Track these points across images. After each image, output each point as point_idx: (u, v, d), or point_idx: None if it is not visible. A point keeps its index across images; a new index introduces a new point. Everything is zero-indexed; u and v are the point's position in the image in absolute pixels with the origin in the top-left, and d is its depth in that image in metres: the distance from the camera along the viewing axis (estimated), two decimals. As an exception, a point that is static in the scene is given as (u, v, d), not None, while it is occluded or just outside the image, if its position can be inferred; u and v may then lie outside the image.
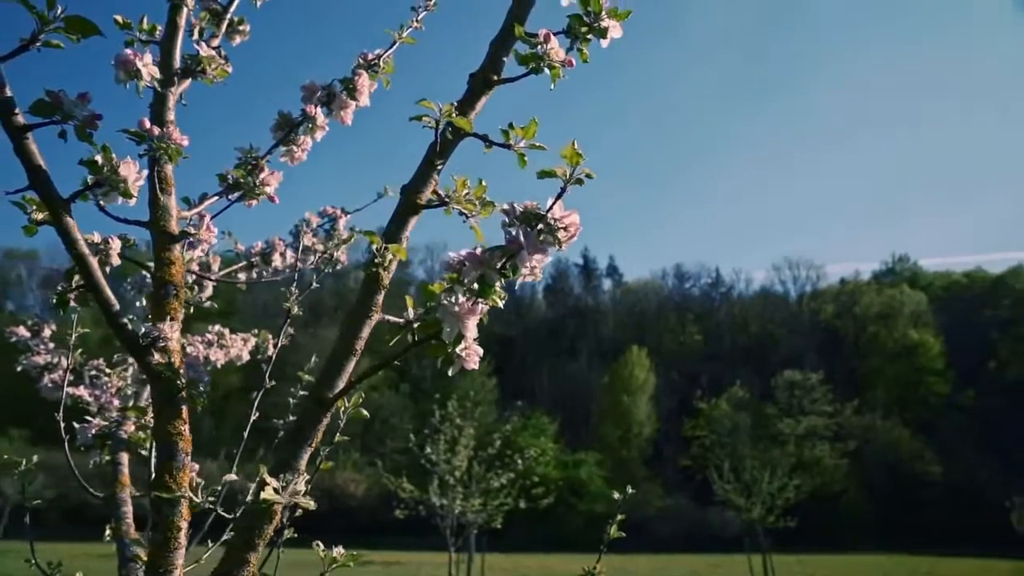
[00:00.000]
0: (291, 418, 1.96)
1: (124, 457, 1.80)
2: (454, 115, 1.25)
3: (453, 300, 1.09)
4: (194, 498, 1.11)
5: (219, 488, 1.19)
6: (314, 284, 1.84)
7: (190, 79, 1.62)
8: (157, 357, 1.25)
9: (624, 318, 57.52)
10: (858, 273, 59.03)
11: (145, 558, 1.48)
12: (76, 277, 1.21)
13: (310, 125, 1.82)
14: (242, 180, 1.51)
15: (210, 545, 1.67)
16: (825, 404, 42.12)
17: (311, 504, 1.04)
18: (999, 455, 38.75)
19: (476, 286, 1.10)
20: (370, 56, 1.95)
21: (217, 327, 2.46)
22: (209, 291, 1.83)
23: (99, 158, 1.11)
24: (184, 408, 1.29)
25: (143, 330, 1.25)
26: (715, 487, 24.06)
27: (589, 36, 1.40)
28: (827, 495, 35.36)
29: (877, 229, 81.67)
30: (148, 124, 1.34)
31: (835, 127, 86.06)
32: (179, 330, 1.30)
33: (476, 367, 1.14)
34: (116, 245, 1.26)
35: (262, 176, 1.53)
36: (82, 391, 2.04)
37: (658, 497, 37.18)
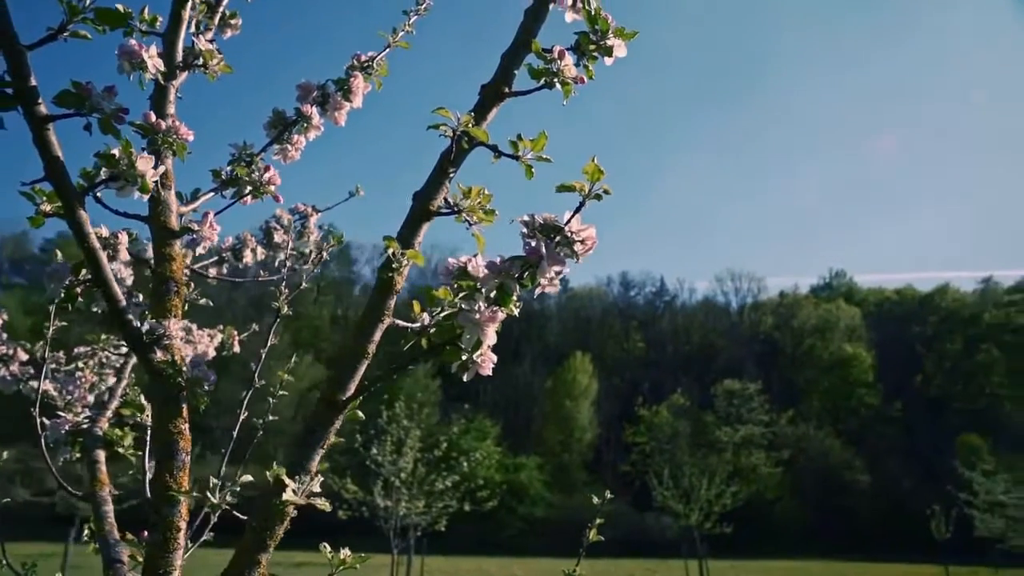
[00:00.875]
0: (271, 418, 1.95)
1: (101, 455, 1.76)
2: (471, 126, 1.27)
3: (474, 308, 1.11)
4: (212, 498, 1.10)
5: (226, 487, 1.18)
6: (304, 284, 1.83)
7: (186, 73, 1.60)
8: (159, 355, 1.24)
9: (569, 324, 57.96)
10: (797, 287, 60.70)
11: (127, 559, 1.45)
12: (83, 272, 1.18)
13: (305, 124, 1.82)
14: (246, 179, 1.50)
15: (189, 546, 1.65)
16: (762, 413, 43.18)
17: (327, 506, 1.04)
18: (922, 465, 40.35)
19: (495, 294, 1.13)
20: (363, 57, 1.95)
21: (184, 321, 2.42)
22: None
23: (117, 151, 1.10)
24: (184, 407, 1.28)
25: (147, 327, 1.24)
26: (655, 493, 24.45)
27: (596, 54, 1.44)
28: (761, 502, 36.23)
29: (816, 245, 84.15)
30: (154, 118, 1.32)
31: (779, 144, 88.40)
32: (182, 327, 1.29)
33: (490, 373, 1.16)
34: (124, 240, 1.24)
35: (268, 175, 1.52)
36: (48, 385, 1.99)
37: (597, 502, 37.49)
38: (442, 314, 1.30)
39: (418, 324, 1.32)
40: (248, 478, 1.17)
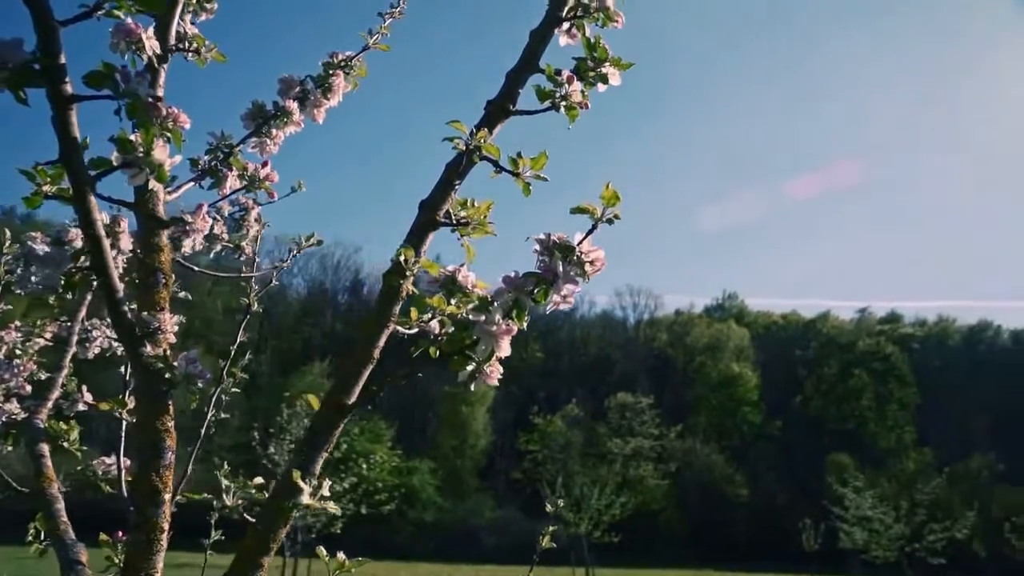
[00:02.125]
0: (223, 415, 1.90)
1: (45, 448, 1.67)
2: (485, 142, 1.30)
3: (491, 320, 1.14)
4: (226, 502, 1.07)
5: (239, 491, 1.15)
6: (274, 281, 1.80)
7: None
8: (149, 349, 1.20)
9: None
10: (692, 306, 63.02)
11: (84, 558, 1.39)
12: (82, 258, 1.13)
13: (285, 120, 1.79)
14: (247, 174, 1.47)
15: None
16: (652, 427, 44.51)
17: (337, 509, 1.04)
18: (796, 481, 42.65)
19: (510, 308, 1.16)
20: (340, 56, 1.94)
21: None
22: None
23: (136, 137, 1.07)
24: (170, 404, 1.25)
25: (141, 320, 1.20)
26: (547, 501, 24.79)
27: (593, 80, 1.49)
28: (647, 513, 37.31)
29: (713, 267, 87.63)
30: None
31: (681, 165, 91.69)
32: (176, 322, 1.25)
33: (497, 383, 1.19)
34: (126, 227, 1.19)
35: (265, 171, 1.49)
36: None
37: (489, 508, 37.69)
38: (431, 320, 1.32)
39: (415, 330, 1.33)
40: (259, 481, 1.15)
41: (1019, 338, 59.13)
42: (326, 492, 1.06)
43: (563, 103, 1.40)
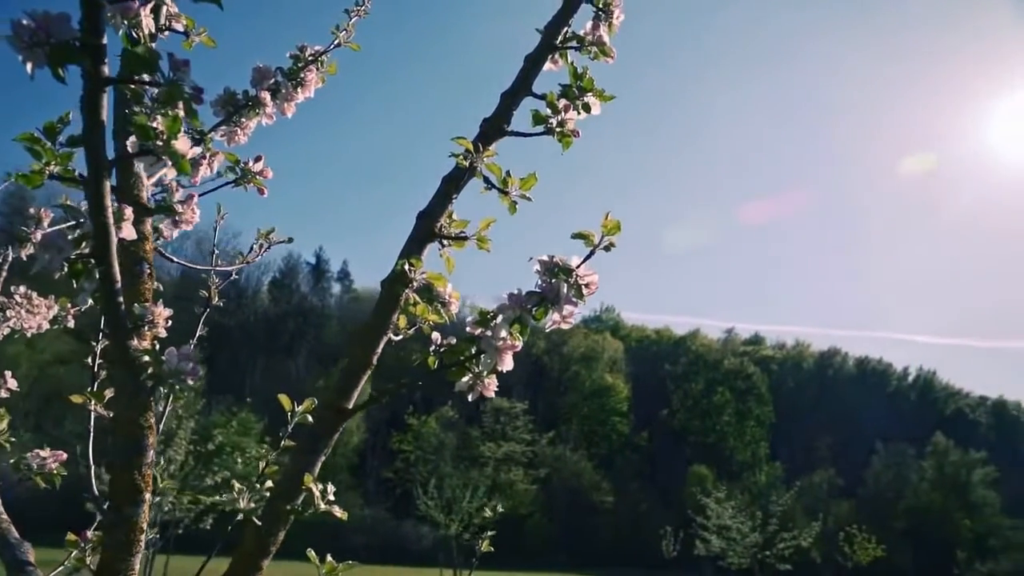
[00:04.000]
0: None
1: (-27, 439, 1.57)
2: (488, 160, 1.34)
3: (496, 335, 1.18)
4: (239, 504, 1.06)
5: (253, 493, 1.12)
6: (234, 276, 1.76)
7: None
8: (135, 341, 1.17)
9: (349, 324, 56.98)
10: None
11: (33, 559, 1.33)
12: (84, 245, 1.09)
13: (257, 110, 1.75)
14: (238, 167, 1.44)
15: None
16: (525, 432, 45.27)
17: (343, 515, 1.06)
18: (659, 490, 44.57)
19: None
20: (310, 51, 1.92)
21: (23, 288, 2.19)
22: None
23: (158, 124, 1.04)
24: (152, 400, 1.21)
25: (134, 311, 1.17)
26: (418, 502, 24.73)
27: (577, 109, 1.56)
28: (516, 517, 37.87)
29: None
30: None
31: (575, 177, 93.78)
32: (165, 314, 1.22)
33: (493, 396, 1.24)
34: (129, 213, 1.15)
35: (259, 166, 1.47)
36: None
37: (358, 507, 37.12)
38: (413, 328, 1.35)
39: (400, 336, 1.36)
40: (269, 484, 1.13)
41: (862, 365, 64.34)
42: (331, 496, 1.06)
43: (559, 130, 1.45)
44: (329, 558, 1.17)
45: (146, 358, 1.18)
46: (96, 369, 1.38)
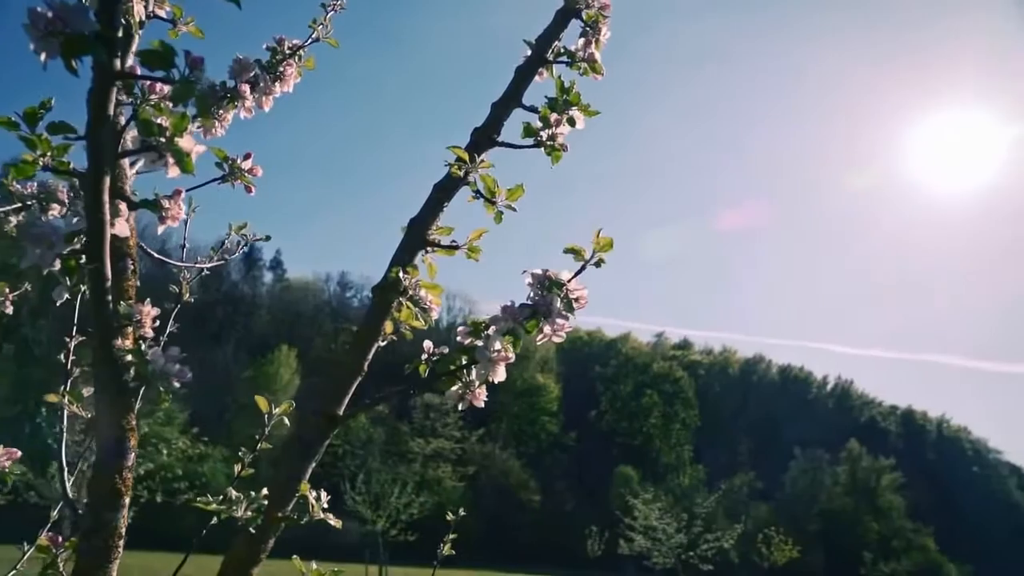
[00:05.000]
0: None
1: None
2: (484, 171, 1.35)
3: (491, 347, 1.19)
4: (238, 512, 1.04)
5: (253, 501, 1.09)
6: (205, 271, 1.72)
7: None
8: (119, 341, 1.14)
9: (279, 315, 55.86)
10: (504, 314, 64.66)
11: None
12: (76, 240, 1.05)
13: (236, 103, 1.72)
14: (226, 163, 1.41)
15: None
16: (455, 430, 45.20)
17: (338, 523, 1.06)
18: (585, 490, 45.14)
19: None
20: (289, 44, 1.89)
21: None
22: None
23: (164, 120, 1.03)
24: (135, 401, 1.19)
25: (121, 310, 1.14)
26: (346, 496, 24.43)
27: (565, 122, 1.59)
28: (442, 513, 37.71)
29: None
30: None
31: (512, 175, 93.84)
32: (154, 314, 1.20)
33: (482, 406, 1.25)
34: (126, 211, 1.11)
35: (248, 163, 1.44)
36: None
37: (281, 501, 36.41)
38: (394, 332, 1.36)
39: (385, 342, 1.36)
40: (264, 492, 1.12)
41: (785, 373, 66.53)
42: (324, 504, 1.06)
43: (550, 143, 1.47)
44: (312, 563, 1.16)
45: (129, 358, 1.15)
46: (69, 367, 1.33)
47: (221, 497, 1.14)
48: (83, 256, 1.06)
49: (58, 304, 1.64)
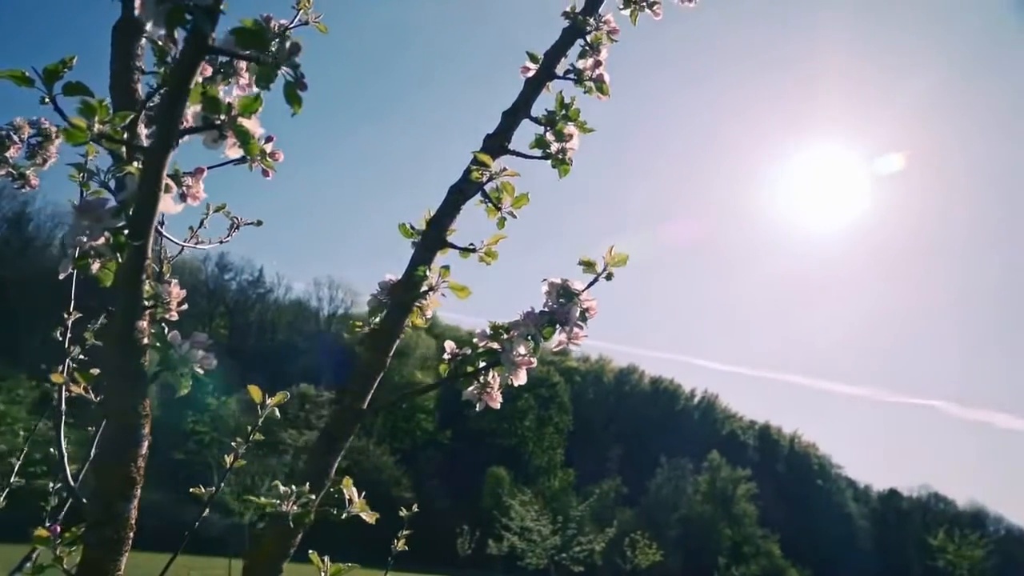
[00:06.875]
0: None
1: None
2: (505, 179, 1.39)
3: (515, 351, 1.24)
4: (283, 508, 1.02)
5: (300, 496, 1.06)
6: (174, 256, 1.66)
7: None
8: (144, 324, 1.11)
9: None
10: (388, 308, 64.01)
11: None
12: (122, 215, 1.01)
13: (231, 79, 1.68)
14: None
15: None
16: (330, 422, 44.30)
17: (373, 517, 1.07)
18: (458, 489, 45.32)
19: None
20: (275, 24, 1.86)
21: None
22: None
23: (231, 99, 1.01)
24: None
25: (149, 291, 1.11)
26: (213, 486, 23.44)
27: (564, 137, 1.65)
28: (259, 504, 36.74)
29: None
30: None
31: (410, 174, 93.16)
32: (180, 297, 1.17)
33: (498, 407, 1.29)
34: (172, 185, 1.07)
35: (269, 147, 1.40)
36: None
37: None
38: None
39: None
40: (284, 489, 1.10)
41: (656, 384, 69.30)
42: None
43: (560, 156, 1.53)
44: (327, 561, 1.16)
45: (145, 341, 1.12)
46: (68, 345, 1.26)
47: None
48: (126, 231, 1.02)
49: (61, 278, 1.54)
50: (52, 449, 1.93)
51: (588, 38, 1.66)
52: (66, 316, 1.31)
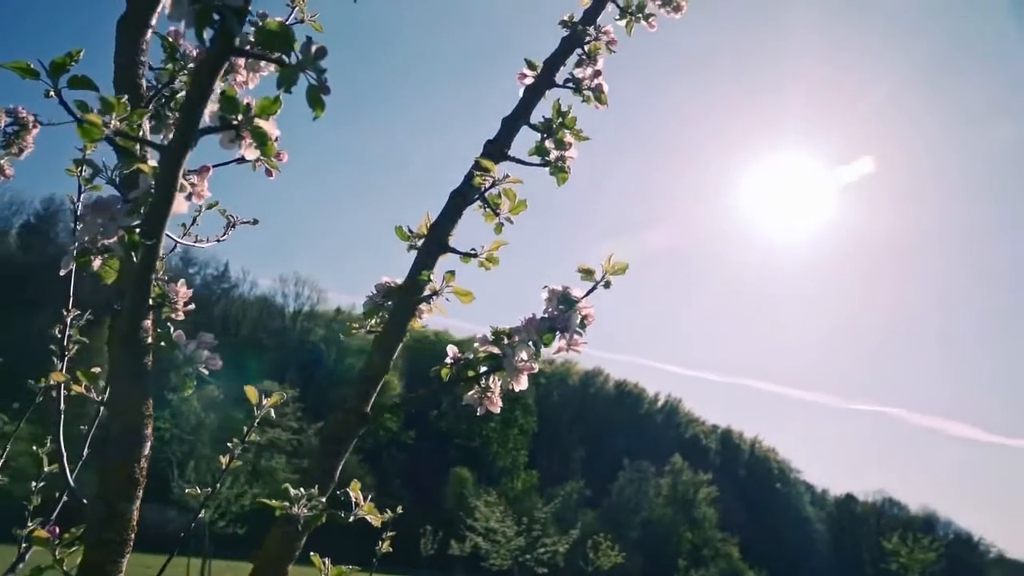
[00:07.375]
0: None
1: None
2: (509, 187, 1.41)
3: (517, 355, 1.25)
4: (299, 510, 1.02)
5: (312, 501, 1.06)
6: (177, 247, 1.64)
7: None
8: (148, 323, 1.10)
9: (106, 288, 51.82)
10: (354, 306, 63.56)
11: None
12: (136, 214, 1.00)
13: (229, 73, 1.67)
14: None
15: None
16: (293, 420, 43.81)
17: (378, 520, 1.08)
18: (420, 489, 45.15)
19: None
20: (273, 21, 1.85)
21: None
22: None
23: (249, 99, 1.01)
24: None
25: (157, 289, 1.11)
26: (174, 484, 23.09)
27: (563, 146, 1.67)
28: (271, 506, 36.40)
29: (384, 271, 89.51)
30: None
31: (381, 174, 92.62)
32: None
33: (498, 411, 1.31)
34: (187, 185, 1.06)
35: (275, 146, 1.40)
36: None
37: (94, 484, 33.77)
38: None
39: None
40: (293, 491, 1.10)
41: (621, 387, 69.83)
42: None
43: (559, 164, 1.55)
44: (327, 563, 1.16)
45: (149, 340, 1.12)
46: (67, 343, 1.25)
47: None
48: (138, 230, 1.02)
49: (62, 274, 1.52)
50: (35, 447, 1.90)
51: (586, 48, 1.68)
52: (65, 312, 1.30)
